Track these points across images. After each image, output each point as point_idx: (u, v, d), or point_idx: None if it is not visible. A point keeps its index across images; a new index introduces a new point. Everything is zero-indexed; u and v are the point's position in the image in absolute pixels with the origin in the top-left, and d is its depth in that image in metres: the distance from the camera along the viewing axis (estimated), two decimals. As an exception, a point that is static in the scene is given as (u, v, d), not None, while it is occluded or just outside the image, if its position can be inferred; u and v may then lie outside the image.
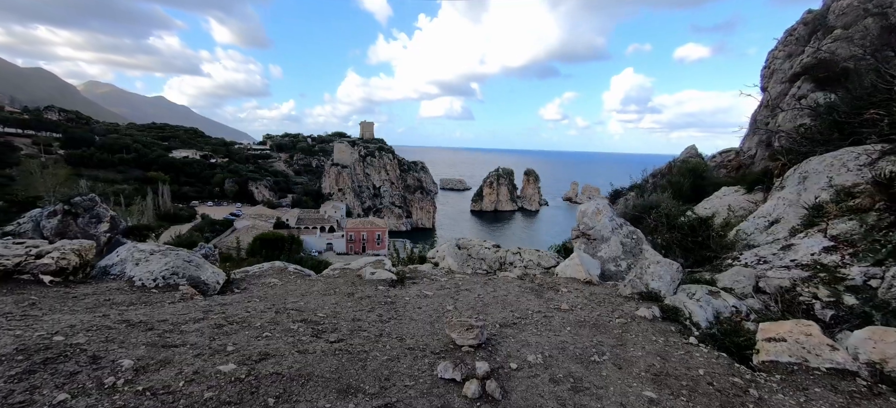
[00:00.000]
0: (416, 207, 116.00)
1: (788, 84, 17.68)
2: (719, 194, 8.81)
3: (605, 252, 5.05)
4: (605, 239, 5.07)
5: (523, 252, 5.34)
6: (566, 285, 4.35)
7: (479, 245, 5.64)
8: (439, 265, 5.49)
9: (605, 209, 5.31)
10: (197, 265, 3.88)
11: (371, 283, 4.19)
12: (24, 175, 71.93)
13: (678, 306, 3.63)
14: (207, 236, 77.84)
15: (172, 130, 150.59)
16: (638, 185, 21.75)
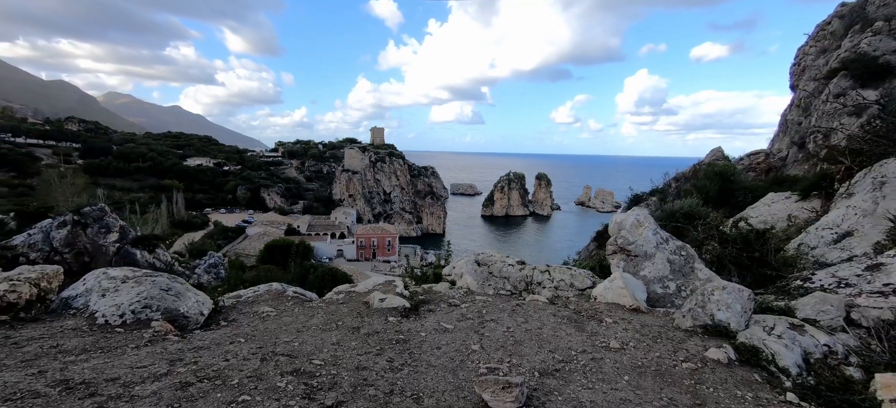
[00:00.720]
0: (427, 213, 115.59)
1: (824, 81, 16.60)
2: (766, 201, 7.96)
3: (649, 271, 4.35)
4: (648, 256, 4.37)
5: (552, 270, 4.66)
6: (609, 313, 3.66)
7: (500, 261, 4.98)
8: (457, 284, 4.87)
9: (646, 221, 4.60)
10: (177, 294, 3.30)
11: (380, 313, 3.56)
12: (44, 185, 73.85)
13: (757, 346, 2.92)
14: (220, 243, 78.60)
15: (187, 138, 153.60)
16: (660, 189, 20.76)
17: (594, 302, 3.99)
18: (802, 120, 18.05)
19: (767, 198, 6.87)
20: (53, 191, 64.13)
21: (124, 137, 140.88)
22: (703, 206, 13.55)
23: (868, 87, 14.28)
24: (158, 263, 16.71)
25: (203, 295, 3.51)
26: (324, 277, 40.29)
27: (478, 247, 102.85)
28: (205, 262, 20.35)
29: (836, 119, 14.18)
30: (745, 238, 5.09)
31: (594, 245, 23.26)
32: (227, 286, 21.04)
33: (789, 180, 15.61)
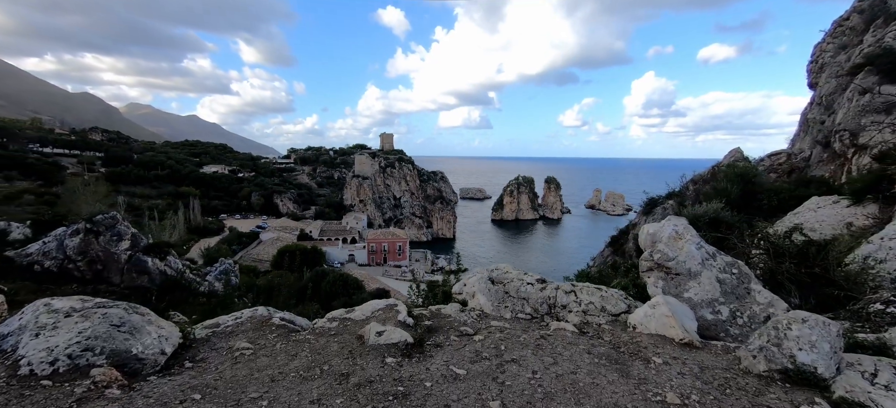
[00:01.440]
0: (437, 218, 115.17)
1: (847, 78, 15.55)
2: (810, 205, 7.16)
3: (695, 293, 3.68)
4: (692, 275, 3.70)
5: (579, 290, 4.02)
6: (656, 349, 3.02)
7: (517, 279, 4.36)
8: (468, 305, 4.27)
9: (686, 233, 3.94)
10: (132, 330, 2.71)
11: (376, 351, 2.95)
12: (69, 192, 75.98)
13: (863, 404, 2.25)
14: (234, 249, 79.52)
15: (203, 146, 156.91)
16: (676, 193, 19.80)
17: (633, 333, 3.34)
18: (825, 118, 16.95)
19: (811, 202, 6.03)
20: (77, 198, 65.68)
21: (144, 145, 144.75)
22: (725, 210, 12.69)
23: (895, 82, 13.23)
24: (170, 271, 16.52)
25: (170, 327, 2.97)
26: (335, 283, 39.78)
27: (488, 253, 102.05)
28: (216, 268, 20.17)
29: (864, 117, 13.17)
30: (802, 251, 4.37)
31: (609, 251, 22.36)
32: (236, 293, 20.74)
33: (816, 182, 14.56)
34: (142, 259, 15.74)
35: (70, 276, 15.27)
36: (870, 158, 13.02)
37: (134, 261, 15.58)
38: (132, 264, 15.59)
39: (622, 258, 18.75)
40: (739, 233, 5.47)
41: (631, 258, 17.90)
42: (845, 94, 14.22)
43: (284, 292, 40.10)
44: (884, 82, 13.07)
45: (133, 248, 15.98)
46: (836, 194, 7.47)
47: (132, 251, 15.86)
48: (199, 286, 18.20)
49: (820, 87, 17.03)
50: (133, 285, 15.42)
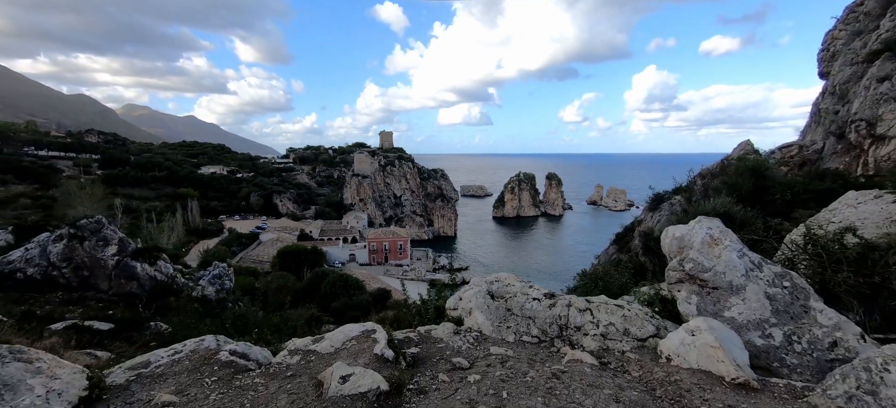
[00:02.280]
0: (438, 215, 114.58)
1: (864, 65, 14.82)
2: (848, 201, 6.43)
3: (738, 312, 3.00)
4: (735, 289, 3.02)
5: (595, 308, 3.33)
6: (700, 390, 2.34)
7: (522, 293, 3.68)
8: (465, 324, 3.60)
9: (724, 237, 3.25)
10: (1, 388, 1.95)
11: (337, 405, 2.21)
12: (65, 195, 75.53)
13: None
14: (234, 250, 79.02)
15: (201, 147, 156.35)
16: (684, 187, 19.10)
17: (668, 366, 2.67)
18: (839, 108, 16.22)
19: (848, 197, 5.29)
20: (73, 201, 65.25)
21: (141, 147, 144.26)
22: (736, 205, 11.97)
23: None
24: (160, 276, 15.89)
25: (70, 375, 2.27)
26: (335, 284, 39.08)
27: (490, 251, 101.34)
28: (209, 273, 19.52)
29: (882, 106, 12.45)
30: (860, 257, 3.69)
31: (614, 248, 21.68)
32: (230, 297, 20.06)
33: (832, 175, 13.85)
34: (130, 265, 15.10)
35: (55, 283, 14.61)
36: (863, 149, 12.29)
37: (122, 266, 14.94)
38: (120, 270, 14.94)
39: (628, 256, 18.08)
40: (767, 232, 4.77)
41: (636, 255, 17.23)
42: (862, 82, 13.50)
43: (282, 295, 39.36)
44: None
45: (121, 253, 15.33)
46: (876, 188, 6.75)
47: (120, 257, 15.21)
48: (192, 291, 17.55)
49: (833, 75, 16.30)
50: (122, 292, 14.77)
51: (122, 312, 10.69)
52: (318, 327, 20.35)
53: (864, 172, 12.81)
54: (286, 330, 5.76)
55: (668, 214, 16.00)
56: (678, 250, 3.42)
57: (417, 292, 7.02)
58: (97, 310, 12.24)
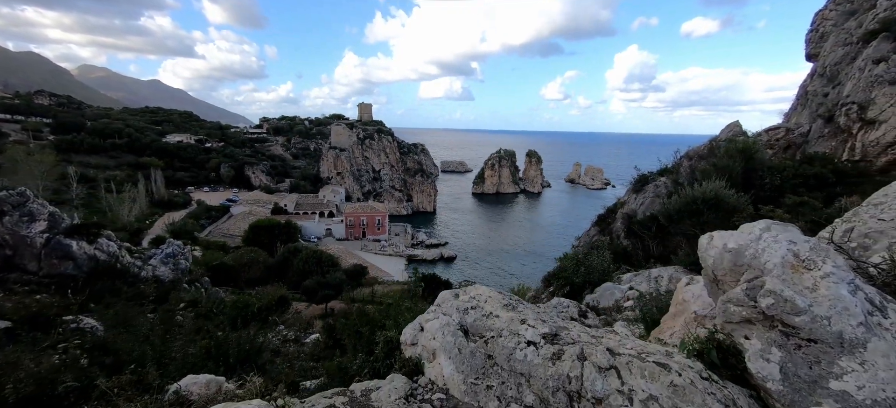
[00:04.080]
0: (417, 191, 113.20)
1: (858, 45, 14.47)
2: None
3: (856, 384, 1.90)
4: (848, 345, 1.88)
5: (624, 365, 2.22)
6: None
7: (510, 330, 2.60)
8: (424, 373, 2.58)
9: (820, 257, 2.23)
10: None
11: None
12: (10, 162, 69.45)
13: None
14: (203, 223, 75.67)
15: (166, 113, 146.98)
16: (670, 169, 18.72)
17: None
18: (829, 91, 15.99)
19: (893, 190, 4.37)
20: (19, 168, 59.93)
21: (98, 112, 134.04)
22: (728, 189, 11.54)
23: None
24: (101, 255, 14.30)
25: None
26: (308, 260, 37.47)
27: (469, 230, 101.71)
28: (161, 251, 17.88)
29: (876, 88, 12.14)
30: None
31: (595, 230, 21.35)
32: (186, 278, 18.57)
33: (821, 159, 13.66)
34: (64, 243, 13.44)
35: (-30, 264, 12.89)
36: (851, 134, 11.99)
37: (53, 245, 13.27)
38: (51, 249, 13.27)
39: (609, 238, 17.71)
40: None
41: (618, 238, 16.85)
42: (855, 63, 13.12)
43: (252, 271, 37.52)
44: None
45: (51, 229, 13.60)
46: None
47: (50, 234, 13.50)
48: (140, 272, 16.00)
49: (823, 57, 15.94)
50: (54, 273, 13.16)
51: (36, 302, 9.20)
52: (285, 308, 19.26)
53: (850, 156, 12.52)
54: (187, 364, 4.66)
55: (653, 196, 15.53)
56: (732, 269, 2.37)
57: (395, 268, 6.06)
58: (22, 295, 10.70)
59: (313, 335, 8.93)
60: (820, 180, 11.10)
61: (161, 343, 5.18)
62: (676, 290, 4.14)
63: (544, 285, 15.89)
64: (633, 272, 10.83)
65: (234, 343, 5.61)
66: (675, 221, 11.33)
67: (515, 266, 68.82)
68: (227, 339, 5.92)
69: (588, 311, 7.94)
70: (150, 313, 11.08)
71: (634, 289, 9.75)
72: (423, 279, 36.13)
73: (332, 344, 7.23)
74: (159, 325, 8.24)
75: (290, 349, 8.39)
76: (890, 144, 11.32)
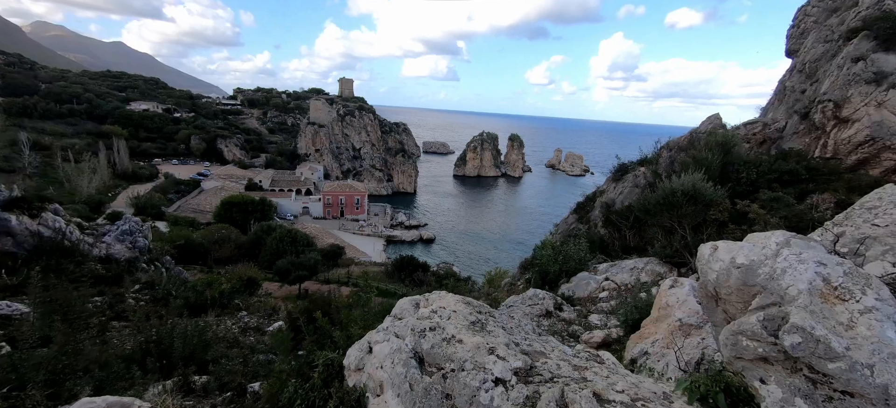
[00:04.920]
0: (398, 171, 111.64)
1: (839, 42, 14.61)
2: (892, 196, 5.51)
3: None
4: (893, 404, 1.51)
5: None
6: None
7: (474, 362, 2.09)
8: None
9: (858, 285, 1.69)
10: None
11: None
12: (-48, 125, 63.77)
13: None
14: (171, 197, 72.32)
15: (131, 78, 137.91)
16: (649, 159, 18.80)
17: None
18: (807, 87, 16.22)
19: (889, 193, 4.03)
20: (-38, 133, 54.35)
21: (54, 73, 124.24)
22: (706, 182, 11.54)
23: (891, 51, 12.36)
24: (46, 231, 13.10)
25: None
26: (282, 240, 36.31)
27: (449, 212, 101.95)
28: (116, 227, 16.60)
29: (852, 87, 12.31)
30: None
31: (574, 218, 21.44)
32: (144, 257, 17.46)
33: (796, 154, 13.90)
34: (3, 217, 12.20)
35: None
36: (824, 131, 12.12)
37: (-17, 221, 12.04)
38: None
39: (587, 227, 17.74)
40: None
41: (596, 227, 16.88)
42: (835, 61, 13.21)
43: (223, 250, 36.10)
44: (878, 50, 12.07)
45: (-30, 201, 12.31)
46: None
47: (-32, 207, 12.22)
48: (92, 250, 14.83)
49: (803, 53, 16.07)
50: (-11, 250, 11.96)
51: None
52: (254, 290, 18.47)
53: (823, 154, 12.71)
54: (112, 369, 3.98)
55: (632, 186, 15.51)
56: (740, 289, 1.88)
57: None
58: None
59: (277, 324, 8.38)
60: (793, 176, 11.20)
61: (68, 346, 4.34)
62: (658, 292, 3.84)
63: (521, 272, 15.77)
64: (609, 262, 10.74)
65: (180, 337, 5.02)
66: (653, 215, 11.24)
67: (494, 250, 69.47)
68: (172, 332, 5.32)
69: (563, 303, 7.73)
70: (96, 297, 10.22)
71: (610, 280, 9.65)
72: (400, 261, 35.75)
73: (293, 335, 6.71)
74: (101, 313, 7.50)
75: (250, 340, 7.84)
76: (861, 143, 11.51)
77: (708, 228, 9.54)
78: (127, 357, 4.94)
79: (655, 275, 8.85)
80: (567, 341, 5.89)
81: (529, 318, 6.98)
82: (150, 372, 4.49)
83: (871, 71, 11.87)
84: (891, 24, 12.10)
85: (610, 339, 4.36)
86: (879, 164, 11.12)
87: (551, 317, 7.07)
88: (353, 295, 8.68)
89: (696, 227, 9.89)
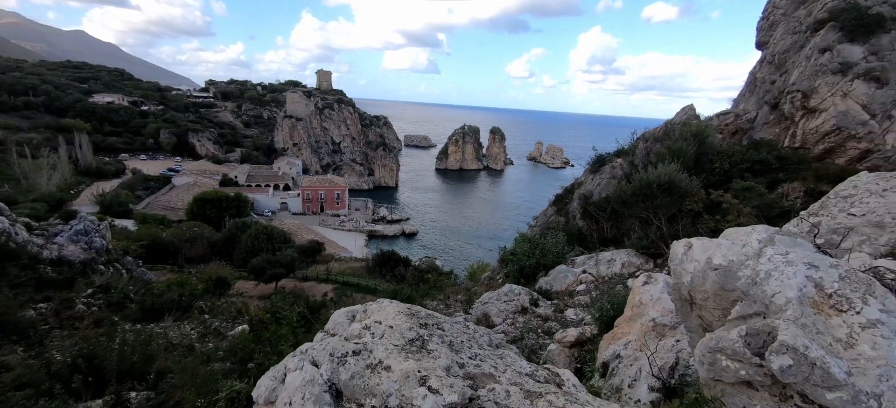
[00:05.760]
0: (379, 165, 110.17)
1: (807, 34, 14.95)
2: (868, 186, 5.36)
3: None
4: None
5: None
6: None
7: (401, 394, 1.62)
8: None
9: (861, 294, 1.42)
10: None
11: None
12: None
13: None
14: (140, 194, 69.08)
15: (93, 70, 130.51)
16: (626, 150, 18.91)
17: None
18: (776, 78, 16.58)
19: (865, 180, 3.79)
20: None
21: (7, 63, 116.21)
22: (681, 173, 11.60)
23: (856, 41, 12.70)
24: (-11, 233, 12.08)
25: None
26: (258, 236, 35.10)
27: (431, 206, 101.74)
28: (70, 227, 15.50)
29: (819, 77, 12.60)
30: None
31: (552, 210, 21.46)
32: (102, 258, 16.41)
33: (766, 144, 14.19)
34: (-68, 218, 11.17)
35: None
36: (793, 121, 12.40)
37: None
38: None
39: (565, 218, 17.74)
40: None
41: (574, 219, 16.89)
42: (803, 51, 13.48)
43: (195, 248, 34.62)
44: (843, 41, 12.34)
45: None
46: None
47: None
48: (41, 252, 13.82)
49: (772, 45, 16.38)
50: (-80, 255, 10.96)
51: None
52: (224, 290, 17.67)
53: (791, 143, 12.95)
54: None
55: (609, 177, 15.51)
56: (718, 293, 1.63)
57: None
58: None
59: (240, 327, 7.88)
60: (764, 166, 11.35)
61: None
62: (632, 290, 3.63)
63: (500, 266, 15.60)
64: (586, 255, 10.66)
65: (116, 350, 4.51)
66: (630, 206, 11.20)
67: (477, 243, 69.61)
68: (109, 344, 4.79)
69: (540, 299, 7.54)
70: (41, 303, 9.45)
71: (588, 272, 9.54)
72: (381, 256, 35.12)
73: (255, 339, 6.23)
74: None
75: (209, 346, 7.32)
76: (828, 132, 11.78)
77: (683, 219, 9.55)
78: (54, 374, 4.42)
79: (632, 267, 8.78)
80: (542, 338, 5.66)
81: (504, 315, 6.74)
82: (76, 391, 4.00)
83: (838, 61, 12.15)
84: (856, 16, 12.41)
85: (584, 337, 4.16)
86: (845, 152, 11.40)
87: (527, 313, 6.86)
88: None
89: (672, 217, 9.90)
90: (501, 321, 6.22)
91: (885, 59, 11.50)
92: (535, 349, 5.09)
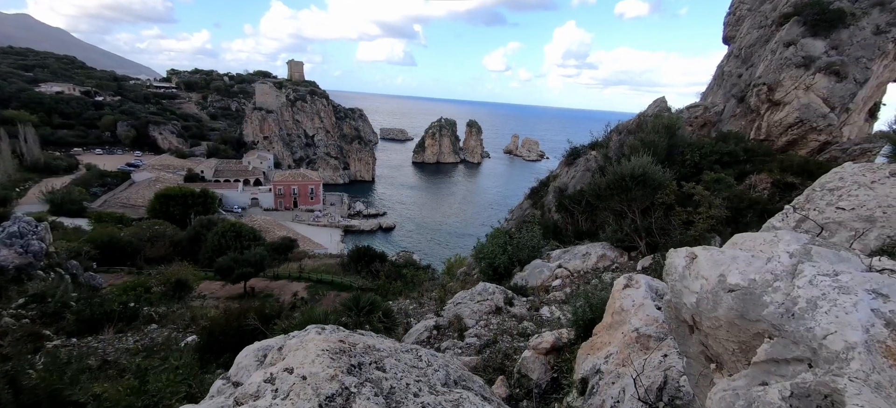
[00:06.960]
0: (354, 159, 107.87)
1: (773, 28, 15.33)
2: (855, 177, 5.26)
3: None
4: None
5: None
6: None
7: None
8: None
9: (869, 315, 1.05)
10: None
11: None
12: None
13: None
14: (95, 191, 64.63)
15: (39, 56, 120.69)
16: (600, 143, 18.98)
17: None
18: (743, 72, 16.99)
19: (851, 171, 3.60)
20: None
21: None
22: (654, 165, 11.62)
23: (818, 36, 13.08)
24: None
25: None
26: (225, 234, 33.50)
27: (407, 200, 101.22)
28: (2, 229, 13.98)
29: (784, 71, 12.92)
30: None
31: (528, 203, 21.39)
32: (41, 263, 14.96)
33: (734, 137, 14.50)
34: None
35: None
36: (759, 114, 12.71)
37: None
38: None
39: (541, 212, 17.66)
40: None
41: (549, 212, 16.82)
42: (768, 45, 13.76)
43: (156, 248, 32.64)
44: (807, 35, 12.65)
45: None
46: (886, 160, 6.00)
47: None
48: (-34, 258, 12.47)
49: (739, 38, 16.72)
50: None
51: None
52: (185, 293, 16.54)
53: (757, 136, 13.19)
54: None
55: (584, 170, 15.45)
56: (734, 323, 1.27)
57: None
58: None
59: (189, 338, 7.17)
60: (733, 158, 11.49)
61: None
62: (612, 294, 3.31)
63: (476, 261, 15.28)
64: (562, 249, 10.50)
65: (10, 382, 3.83)
66: (604, 199, 11.10)
67: (455, 236, 69.51)
68: (17, 373, 4.11)
69: (514, 297, 7.23)
70: (-43, 318, 8.40)
71: (563, 267, 9.34)
72: (356, 252, 34.22)
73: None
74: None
75: (154, 362, 6.58)
76: (791, 124, 12.06)
77: (656, 211, 9.51)
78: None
79: (607, 261, 8.61)
80: (516, 341, 5.36)
81: (477, 316, 6.40)
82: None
83: (801, 55, 12.46)
84: (818, 10, 12.74)
85: (560, 343, 3.85)
86: (806, 144, 11.70)
87: (501, 314, 6.54)
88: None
89: (645, 210, 9.86)
90: (474, 324, 5.88)
91: (845, 53, 11.86)
92: (510, 355, 4.77)
